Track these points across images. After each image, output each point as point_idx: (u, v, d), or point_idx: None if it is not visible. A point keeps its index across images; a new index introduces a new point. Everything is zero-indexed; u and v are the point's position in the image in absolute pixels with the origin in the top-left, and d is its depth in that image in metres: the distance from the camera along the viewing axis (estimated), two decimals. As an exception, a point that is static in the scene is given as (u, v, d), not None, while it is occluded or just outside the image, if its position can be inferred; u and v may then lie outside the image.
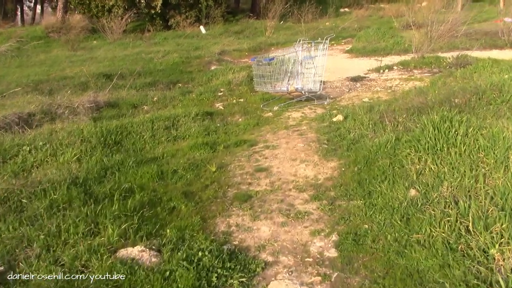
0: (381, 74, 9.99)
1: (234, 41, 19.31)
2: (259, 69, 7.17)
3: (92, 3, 23.40)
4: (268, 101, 7.77)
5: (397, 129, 4.73)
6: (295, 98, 7.67)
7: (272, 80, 7.32)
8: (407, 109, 5.36)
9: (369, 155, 4.15)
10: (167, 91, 9.65)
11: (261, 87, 7.33)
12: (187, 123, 6.49)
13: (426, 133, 3.88)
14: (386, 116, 5.14)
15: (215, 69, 11.43)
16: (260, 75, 7.21)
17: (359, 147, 4.55)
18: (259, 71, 7.20)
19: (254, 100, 7.98)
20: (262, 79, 7.24)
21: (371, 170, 3.91)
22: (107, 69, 12.04)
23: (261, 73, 7.19)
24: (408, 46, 13.49)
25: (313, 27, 22.37)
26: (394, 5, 33.66)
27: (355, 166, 4.10)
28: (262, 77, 7.22)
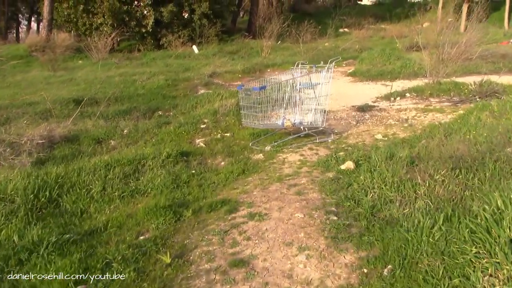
0: (392, 102, 8.63)
1: (227, 62, 18.02)
2: (248, 99, 5.78)
3: (79, 20, 22.21)
4: (259, 137, 6.37)
5: (437, 194, 3.30)
6: (292, 134, 6.28)
7: (264, 113, 5.92)
8: (443, 159, 3.94)
9: (406, 248, 2.70)
10: (143, 120, 8.25)
11: (250, 121, 5.91)
12: (154, 168, 5.08)
13: (505, 223, 2.42)
14: (417, 171, 3.72)
15: (202, 94, 10.07)
16: (249, 106, 5.81)
17: (385, 226, 3.11)
18: (247, 101, 5.80)
19: (242, 136, 6.57)
20: (250, 111, 5.85)
21: (411, 279, 2.45)
22: (81, 93, 10.66)
23: (250, 103, 5.79)
24: (418, 69, 12.22)
25: (312, 47, 21.19)
26: (395, 26, 32.75)
27: (384, 267, 2.65)
28: (251, 108, 5.82)
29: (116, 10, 21.69)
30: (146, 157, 5.36)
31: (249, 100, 5.75)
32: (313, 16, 33.85)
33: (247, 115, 5.88)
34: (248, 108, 5.85)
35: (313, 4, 46.21)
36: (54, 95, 10.59)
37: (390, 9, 42.55)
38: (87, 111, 8.67)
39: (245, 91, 5.70)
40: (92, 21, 22.01)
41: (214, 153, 5.90)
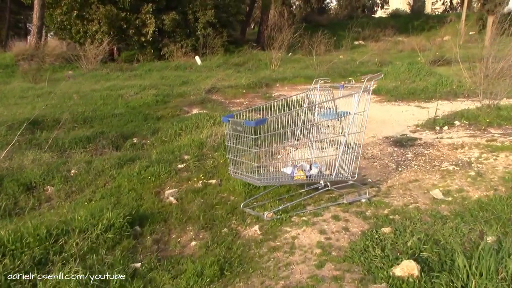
0: (439, 133, 6.50)
1: (231, 75, 16.03)
2: (237, 137, 3.67)
3: (73, 28, 20.43)
4: (257, 191, 4.27)
5: None
6: (306, 187, 4.19)
7: (262, 158, 3.82)
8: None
9: None
10: (108, 152, 6.23)
11: (240, 172, 3.76)
12: (71, 259, 3.01)
13: None
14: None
15: (194, 116, 8.03)
16: (238, 149, 3.70)
17: None
18: (236, 140, 3.70)
19: (233, 185, 4.49)
20: (240, 156, 3.75)
21: None
22: (45, 112, 8.70)
23: (240, 144, 3.69)
24: (458, 87, 10.07)
25: (326, 60, 19.13)
26: (413, 39, 30.70)
27: None
28: (242, 152, 3.71)
29: (113, 16, 19.91)
30: (68, 232, 3.31)
31: (240, 139, 3.66)
32: (327, 28, 31.93)
33: (236, 161, 3.79)
34: (237, 151, 3.76)
35: (326, 16, 44.37)
36: (9, 114, 8.67)
37: (407, 21, 40.50)
38: (38, 138, 6.67)
39: (234, 124, 3.62)
40: (86, 28, 20.24)
41: (185, 220, 3.82)
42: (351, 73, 16.57)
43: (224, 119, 3.71)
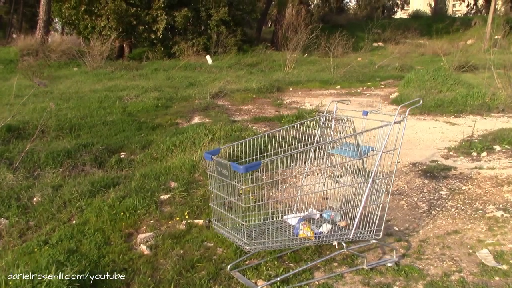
0: (477, 160, 5.48)
1: (243, 77, 15.12)
2: (221, 182, 2.70)
3: (81, 22, 19.72)
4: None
5: None
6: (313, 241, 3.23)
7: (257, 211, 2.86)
8: None
9: None
10: (86, 170, 5.38)
11: (225, 229, 2.79)
12: None
13: None
14: None
15: (192, 127, 7.11)
16: (222, 198, 2.73)
17: None
18: (220, 186, 2.73)
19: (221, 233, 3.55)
20: (224, 208, 2.79)
21: None
22: (31, 116, 7.91)
23: (226, 191, 2.70)
24: (491, 101, 9.01)
25: (343, 63, 18.12)
26: (435, 42, 29.45)
27: None
28: (229, 203, 2.75)
29: (123, 12, 19.14)
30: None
31: (224, 186, 2.72)
32: (345, 28, 30.79)
33: (221, 215, 2.85)
34: (221, 199, 2.82)
35: (344, 16, 43.15)
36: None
37: (429, 23, 39.11)
38: (12, 150, 5.83)
39: (218, 165, 2.67)
40: (95, 24, 19.51)
41: (155, 285, 2.90)
42: (370, 78, 15.53)
43: (207, 156, 2.77)
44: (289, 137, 3.59)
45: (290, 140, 3.56)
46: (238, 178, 2.81)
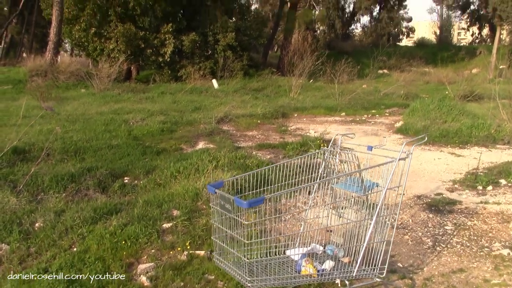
0: (482, 194, 5.44)
1: (248, 101, 15.23)
2: (224, 216, 2.67)
3: (90, 44, 20.02)
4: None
5: None
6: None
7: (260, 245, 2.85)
8: None
9: None
10: (90, 194, 5.38)
11: (227, 264, 2.74)
12: None
13: None
14: None
15: (196, 153, 7.11)
16: (224, 232, 2.69)
17: None
18: (223, 219, 2.69)
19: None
20: (226, 242, 2.75)
21: None
22: (38, 138, 7.98)
23: (228, 225, 2.67)
24: (496, 132, 9.00)
25: (348, 89, 18.21)
26: (440, 70, 29.68)
27: None
28: (231, 238, 2.72)
29: (132, 35, 19.46)
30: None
31: (226, 219, 2.70)
32: (351, 55, 31.09)
33: (222, 249, 2.83)
34: (223, 232, 2.79)
35: (350, 42, 43.64)
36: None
37: (434, 52, 39.48)
38: (16, 172, 5.85)
39: (222, 199, 2.66)
40: (104, 46, 19.80)
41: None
42: (375, 105, 15.58)
43: (210, 189, 2.77)
44: (294, 166, 3.58)
45: (294, 169, 3.55)
46: (241, 212, 2.79)
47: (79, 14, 19.79)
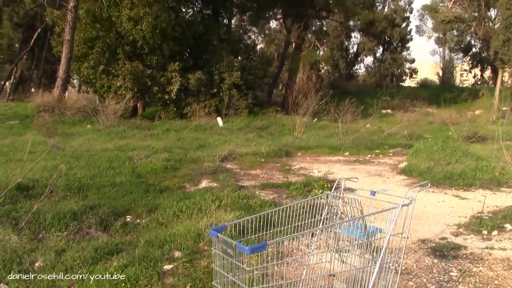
0: (487, 239, 5.37)
1: (252, 140, 15.33)
2: (226, 260, 2.66)
3: (98, 81, 20.40)
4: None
5: None
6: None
7: None
8: None
9: None
10: (91, 233, 5.35)
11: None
12: None
13: None
14: None
15: (199, 192, 7.10)
16: (225, 277, 2.67)
17: None
18: (225, 264, 2.68)
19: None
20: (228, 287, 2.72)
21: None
22: (42, 174, 8.01)
23: (230, 270, 2.64)
24: (500, 175, 8.97)
25: (352, 129, 18.34)
26: (443, 111, 29.95)
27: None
28: (233, 283, 2.69)
29: (139, 73, 19.84)
30: None
31: (229, 263, 2.69)
32: (354, 95, 31.50)
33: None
34: (224, 277, 2.76)
35: (354, 82, 44.28)
36: (4, 173, 8.03)
37: (437, 93, 39.92)
38: (19, 209, 5.85)
39: (224, 243, 2.67)
40: (111, 83, 20.16)
41: None
42: (379, 145, 15.63)
43: (212, 233, 2.76)
44: (297, 207, 3.56)
45: (298, 211, 3.53)
46: (243, 257, 2.77)
47: (88, 52, 20.29)
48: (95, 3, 19.94)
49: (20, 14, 37.75)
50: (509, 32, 26.77)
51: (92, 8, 19.92)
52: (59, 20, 21.12)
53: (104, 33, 20.16)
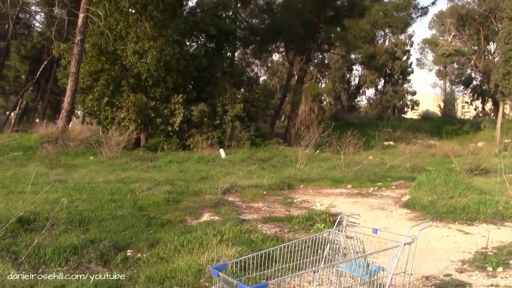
0: (493, 276, 5.29)
1: (255, 172, 15.31)
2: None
3: (102, 113, 20.61)
4: None
5: None
6: None
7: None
8: None
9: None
10: (91, 268, 5.30)
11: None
12: None
13: None
14: None
15: (200, 226, 7.06)
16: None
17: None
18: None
19: None
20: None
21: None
22: (44, 207, 7.99)
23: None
24: (504, 209, 8.91)
25: (354, 161, 18.32)
26: (445, 143, 29.95)
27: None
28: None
29: (143, 105, 20.05)
30: None
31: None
32: (357, 126, 31.66)
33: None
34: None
35: (356, 114, 44.57)
36: (5, 205, 8.02)
37: (439, 125, 40.08)
38: (19, 243, 5.81)
39: (225, 283, 2.65)
40: (115, 115, 20.36)
41: None
42: (381, 178, 15.59)
43: (213, 271, 2.75)
44: (299, 243, 3.54)
45: (300, 246, 3.51)
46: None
47: (93, 84, 20.60)
48: (101, 37, 20.40)
49: (28, 47, 38.54)
50: (508, 65, 27.11)
51: (98, 42, 20.35)
52: (65, 53, 21.54)
53: (109, 66, 20.53)
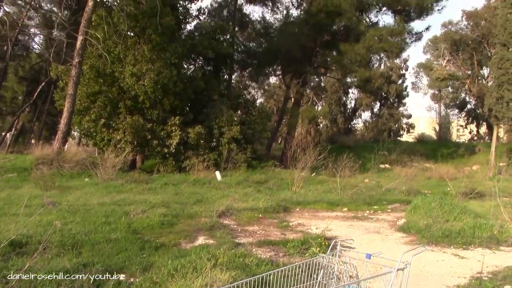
0: (488, 303, 5.25)
1: (250, 195, 15.24)
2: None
3: (98, 135, 20.62)
4: None
5: None
6: None
7: None
8: None
9: None
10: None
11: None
12: None
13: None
14: None
15: (195, 250, 7.01)
16: None
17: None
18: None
19: None
20: None
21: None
22: (36, 230, 7.91)
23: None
24: (499, 234, 8.91)
25: (350, 184, 18.33)
26: (441, 166, 30.03)
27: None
28: None
29: (139, 127, 20.09)
30: None
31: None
32: (352, 149, 31.73)
33: None
34: None
35: (352, 137, 44.74)
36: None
37: (434, 148, 40.26)
38: (10, 267, 5.74)
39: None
40: (111, 137, 20.37)
41: None
42: (377, 201, 15.56)
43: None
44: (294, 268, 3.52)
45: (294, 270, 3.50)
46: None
47: (90, 106, 20.67)
48: (99, 59, 20.58)
49: (26, 68, 38.81)
50: (502, 90, 27.45)
51: (96, 64, 20.52)
52: (63, 75, 21.67)
53: (107, 88, 20.65)
